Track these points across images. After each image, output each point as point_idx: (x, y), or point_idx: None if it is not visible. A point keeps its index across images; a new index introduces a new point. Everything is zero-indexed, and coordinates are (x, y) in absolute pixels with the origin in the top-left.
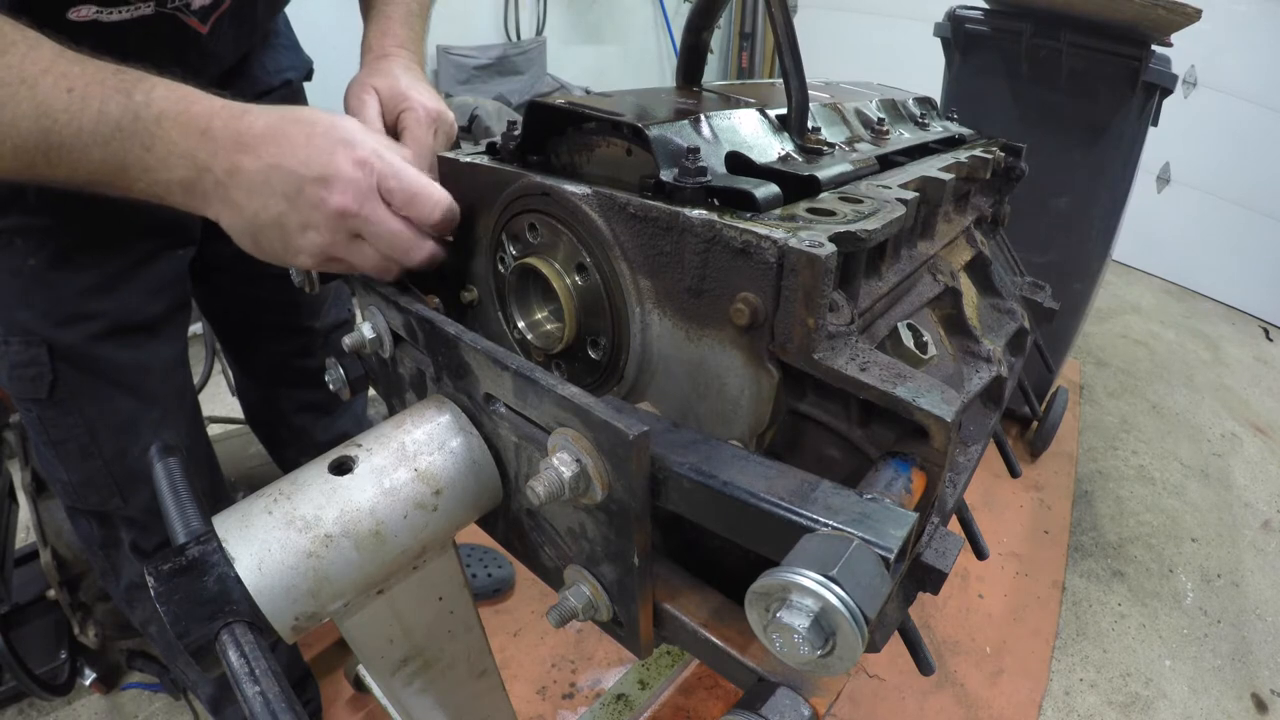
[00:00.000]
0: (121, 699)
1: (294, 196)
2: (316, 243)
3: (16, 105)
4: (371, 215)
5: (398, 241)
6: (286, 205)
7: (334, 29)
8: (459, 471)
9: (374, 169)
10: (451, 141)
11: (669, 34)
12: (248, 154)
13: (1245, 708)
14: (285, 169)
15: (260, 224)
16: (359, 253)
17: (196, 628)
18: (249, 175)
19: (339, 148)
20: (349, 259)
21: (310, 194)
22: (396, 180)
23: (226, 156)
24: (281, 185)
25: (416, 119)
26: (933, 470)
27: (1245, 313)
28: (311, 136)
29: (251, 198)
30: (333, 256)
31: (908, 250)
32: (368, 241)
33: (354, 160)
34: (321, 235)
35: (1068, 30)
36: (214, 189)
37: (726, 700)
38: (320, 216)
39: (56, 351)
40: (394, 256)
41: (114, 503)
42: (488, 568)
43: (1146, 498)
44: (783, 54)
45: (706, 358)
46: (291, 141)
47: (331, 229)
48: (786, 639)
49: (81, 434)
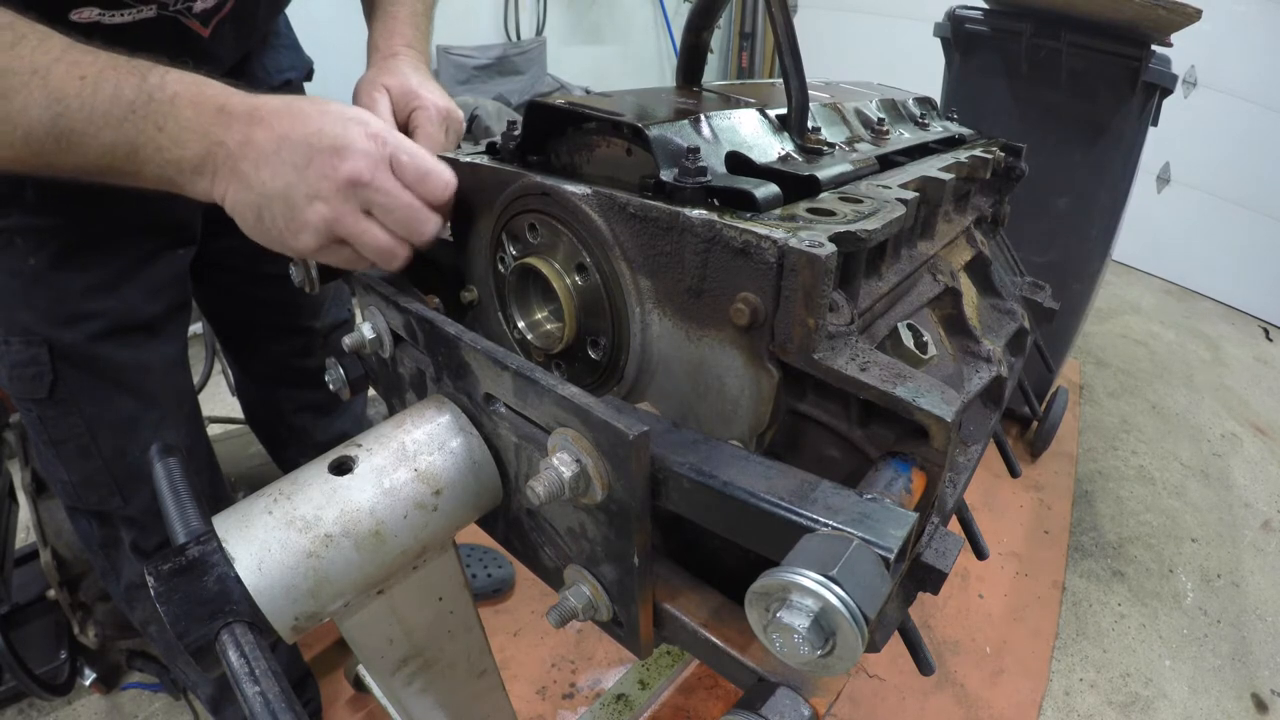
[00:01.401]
0: (121, 699)
1: (304, 167)
2: (323, 215)
3: (29, 93)
4: (384, 185)
5: (410, 215)
6: (295, 176)
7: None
8: (459, 471)
9: (387, 141)
10: (460, 139)
11: (669, 34)
12: (261, 126)
13: (1245, 708)
14: (296, 139)
15: (267, 196)
16: (365, 231)
17: (196, 628)
18: (260, 145)
19: (352, 122)
20: (355, 236)
21: (321, 163)
22: (409, 156)
23: (240, 130)
24: (292, 156)
25: (428, 116)
26: (933, 470)
27: (1245, 313)
28: (324, 112)
29: (260, 168)
30: (337, 235)
31: (908, 250)
32: (376, 218)
33: (368, 133)
34: (329, 207)
35: (1068, 30)
36: (224, 162)
37: (726, 700)
38: (330, 186)
39: (57, 351)
40: (404, 232)
41: (114, 502)
42: (488, 568)
43: (1146, 498)
44: (783, 54)
45: (706, 358)
46: (305, 115)
47: (341, 199)
48: (786, 639)
49: (81, 434)
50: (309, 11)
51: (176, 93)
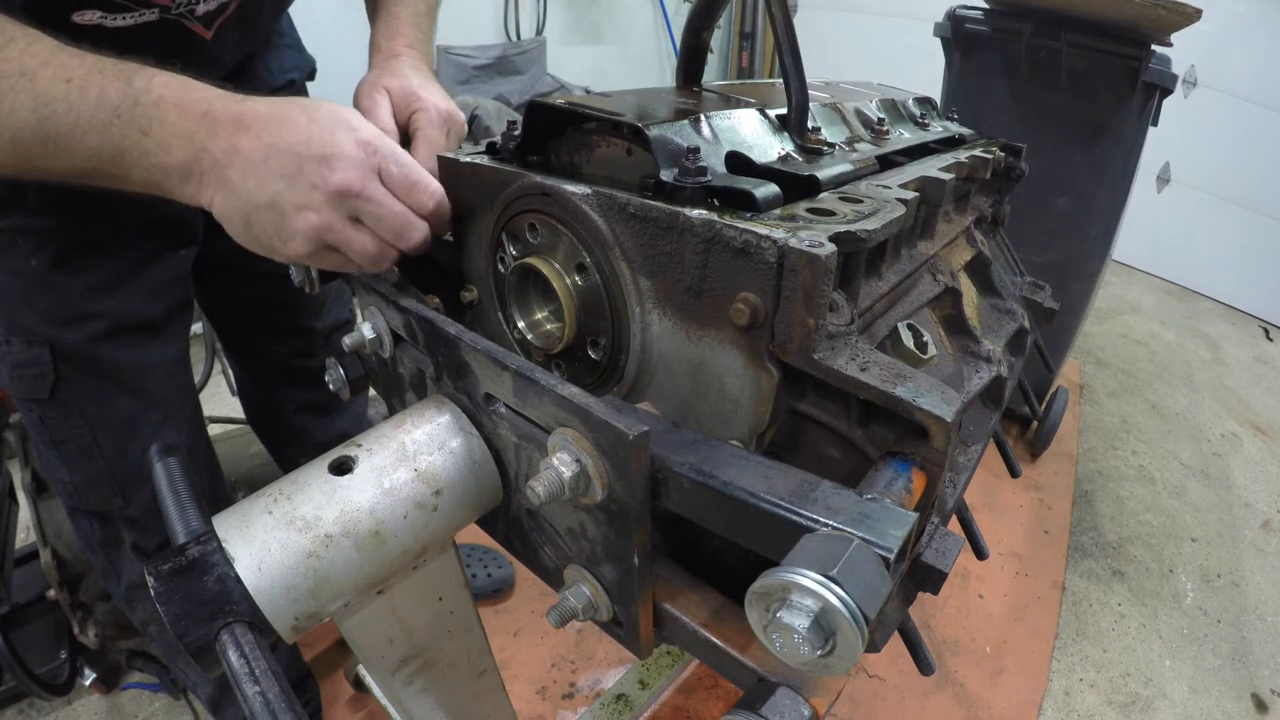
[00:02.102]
0: (121, 699)
1: (293, 176)
2: (313, 224)
3: (15, 96)
4: (374, 194)
5: (399, 223)
6: (284, 185)
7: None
8: (459, 471)
9: (377, 150)
10: (461, 141)
11: (669, 34)
12: (247, 134)
13: (1245, 708)
14: (284, 148)
15: (255, 205)
16: (354, 239)
17: (196, 628)
18: (247, 154)
19: (341, 129)
20: (344, 244)
21: (310, 173)
22: (397, 166)
23: (226, 137)
24: (279, 165)
25: (429, 119)
26: (933, 470)
27: (1245, 313)
28: (313, 119)
29: (247, 178)
30: (326, 244)
31: (908, 250)
32: (365, 225)
33: (357, 141)
34: (319, 216)
35: (1068, 30)
36: (210, 170)
37: (726, 700)
38: (320, 197)
39: (58, 351)
40: (392, 240)
41: (115, 503)
42: (488, 568)
43: (1146, 498)
44: (783, 54)
45: (706, 358)
46: (293, 122)
47: (330, 209)
48: (786, 639)
49: (83, 434)
50: (309, 11)
51: (161, 96)
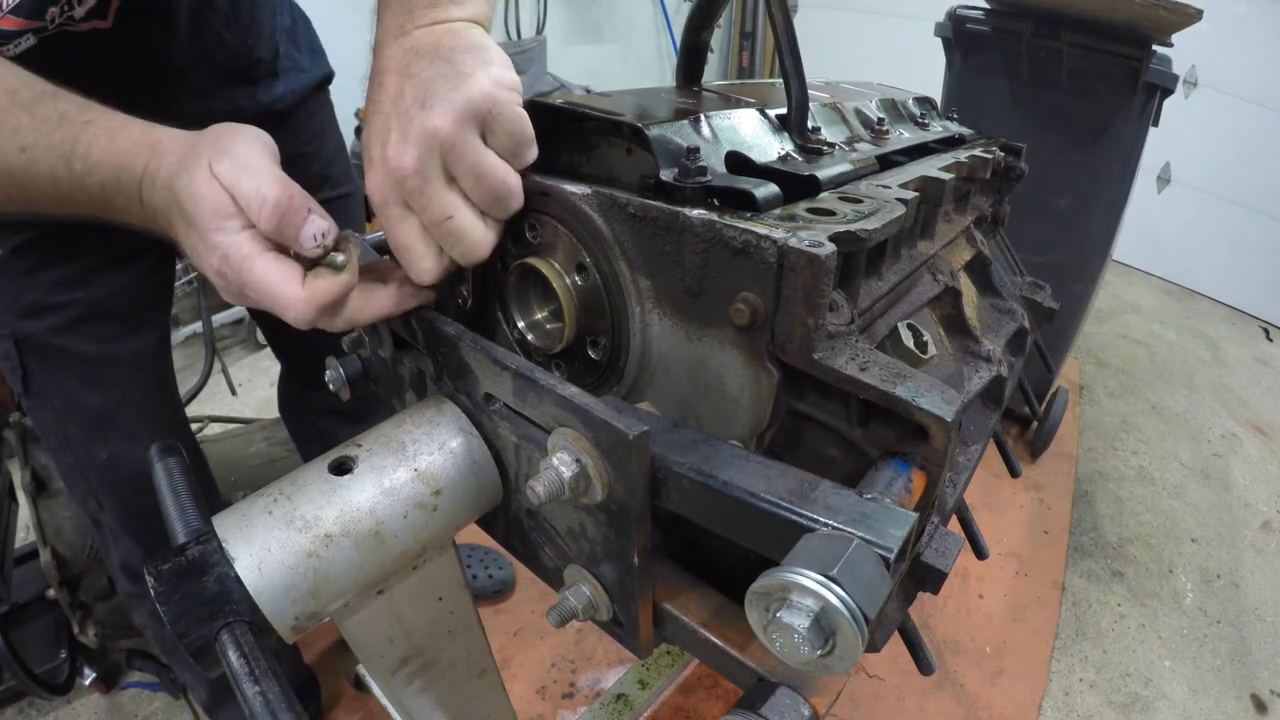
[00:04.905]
0: (121, 699)
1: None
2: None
3: None
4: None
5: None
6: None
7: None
8: (459, 471)
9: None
10: None
11: (669, 34)
12: (190, 229)
13: (1245, 708)
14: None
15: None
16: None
17: (196, 628)
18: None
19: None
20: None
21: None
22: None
23: (176, 229)
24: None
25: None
26: (933, 470)
27: (1245, 313)
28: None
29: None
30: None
31: (908, 250)
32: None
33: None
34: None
35: (1068, 30)
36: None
37: (726, 700)
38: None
39: (22, 343)
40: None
41: (91, 505)
42: (488, 568)
43: (1146, 498)
44: (783, 54)
45: (706, 358)
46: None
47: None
48: (786, 639)
49: (56, 428)
50: (310, 11)
51: (102, 181)
